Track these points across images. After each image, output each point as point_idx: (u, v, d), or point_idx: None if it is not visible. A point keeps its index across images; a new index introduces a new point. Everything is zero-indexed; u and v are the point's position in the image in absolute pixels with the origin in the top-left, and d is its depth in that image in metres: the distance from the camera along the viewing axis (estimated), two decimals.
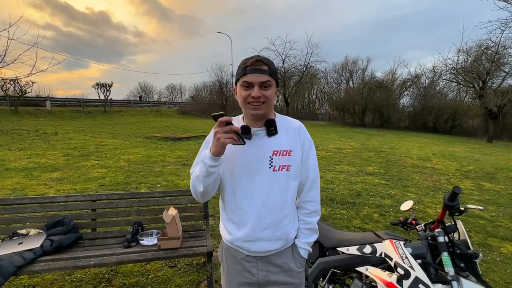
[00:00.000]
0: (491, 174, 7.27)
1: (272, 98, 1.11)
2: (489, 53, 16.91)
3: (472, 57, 18.40)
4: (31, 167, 6.10)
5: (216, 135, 0.97)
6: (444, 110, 22.20)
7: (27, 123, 14.52)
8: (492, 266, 2.94)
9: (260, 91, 1.07)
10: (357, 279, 1.68)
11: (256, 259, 1.17)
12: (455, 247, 1.45)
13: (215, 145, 0.98)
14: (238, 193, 1.13)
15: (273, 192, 1.12)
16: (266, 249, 1.15)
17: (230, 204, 1.17)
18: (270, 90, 1.09)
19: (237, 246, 1.17)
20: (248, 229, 1.13)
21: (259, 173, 1.12)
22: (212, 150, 1.00)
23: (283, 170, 1.12)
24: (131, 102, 30.91)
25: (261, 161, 1.12)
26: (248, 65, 1.06)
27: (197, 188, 1.09)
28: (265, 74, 1.07)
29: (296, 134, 1.18)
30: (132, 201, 2.71)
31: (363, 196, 5.03)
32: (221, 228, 1.25)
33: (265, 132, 1.14)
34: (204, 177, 1.05)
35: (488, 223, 4.08)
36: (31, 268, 1.96)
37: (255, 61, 1.06)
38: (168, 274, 2.58)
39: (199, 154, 1.18)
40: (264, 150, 1.12)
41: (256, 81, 1.06)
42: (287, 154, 1.13)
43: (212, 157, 1.01)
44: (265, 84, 1.07)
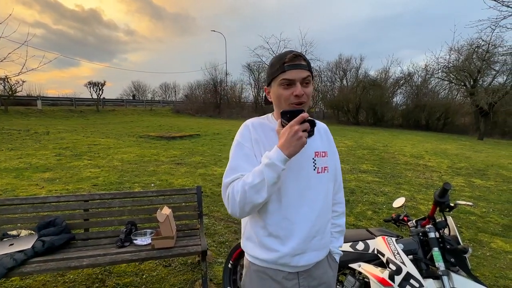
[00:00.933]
0: (482, 171, 7.40)
1: (310, 96, 1.03)
2: (480, 52, 17.19)
3: (463, 56, 18.70)
4: (22, 168, 6.01)
5: (298, 133, 0.86)
6: (437, 108, 22.50)
7: (18, 123, 14.27)
8: (482, 261, 2.99)
9: (302, 89, 0.97)
10: (350, 276, 1.70)
11: (297, 275, 1.04)
12: (446, 243, 1.47)
13: (295, 145, 0.86)
14: (284, 201, 1.00)
15: (320, 195, 1.04)
16: (314, 260, 1.05)
17: (273, 215, 1.00)
18: (310, 87, 1.01)
19: (282, 264, 1.02)
20: (298, 241, 1.00)
21: (304, 176, 1.02)
22: (288, 150, 0.87)
23: (325, 171, 1.06)
24: (125, 101, 30.61)
25: (305, 163, 1.03)
26: (287, 61, 0.96)
27: (255, 199, 0.90)
28: (305, 70, 0.98)
29: (327, 135, 1.16)
30: (125, 201, 2.69)
31: (356, 193, 5.08)
32: (252, 248, 1.06)
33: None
34: (272, 184, 0.89)
35: (478, 219, 4.15)
36: (22, 269, 1.93)
37: (293, 56, 0.97)
38: (162, 273, 2.57)
39: (234, 159, 1.02)
40: (307, 151, 1.02)
41: (298, 77, 0.96)
42: (325, 156, 1.08)
43: (286, 159, 0.87)
44: (306, 80, 0.98)
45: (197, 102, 29.88)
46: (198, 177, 5.77)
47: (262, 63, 26.88)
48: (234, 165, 1.00)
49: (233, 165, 1.00)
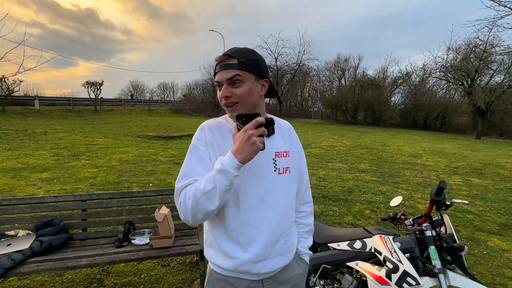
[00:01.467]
0: (479, 170, 7.44)
1: (248, 96, 0.94)
2: (477, 51, 17.26)
3: (461, 55, 18.79)
4: (20, 168, 5.98)
5: (252, 138, 0.82)
6: (434, 107, 22.58)
7: (15, 123, 14.21)
8: (479, 259, 3.01)
9: (229, 90, 0.93)
10: (347, 274, 1.70)
11: (262, 283, 0.99)
12: (442, 241, 1.48)
13: (249, 150, 0.82)
14: (243, 205, 0.95)
15: (282, 197, 1.00)
16: (278, 266, 1.00)
17: (233, 221, 0.96)
18: (242, 86, 0.93)
19: (243, 271, 0.97)
20: (260, 246, 0.96)
21: (265, 179, 0.98)
22: (242, 157, 0.82)
23: (286, 172, 1.02)
24: (123, 101, 30.53)
25: (266, 165, 0.98)
26: (217, 62, 0.95)
27: (207, 205, 0.86)
28: (233, 69, 0.91)
29: (290, 134, 1.10)
30: (123, 201, 2.69)
31: (355, 192, 5.09)
32: (213, 256, 1.02)
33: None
34: (225, 191, 0.84)
35: (476, 218, 4.17)
36: (20, 269, 1.93)
37: (221, 56, 0.94)
38: (160, 273, 2.58)
39: (188, 164, 0.97)
40: (267, 152, 0.98)
41: (223, 79, 0.93)
42: (287, 155, 1.03)
43: (239, 165, 0.83)
44: (234, 80, 0.92)
45: (196, 101, 29.86)
46: None
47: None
48: (187, 169, 0.95)
49: (186, 170, 0.95)
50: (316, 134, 14.31)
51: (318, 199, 4.66)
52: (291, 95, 33.03)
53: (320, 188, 5.27)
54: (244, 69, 0.92)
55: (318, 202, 4.54)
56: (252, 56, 0.96)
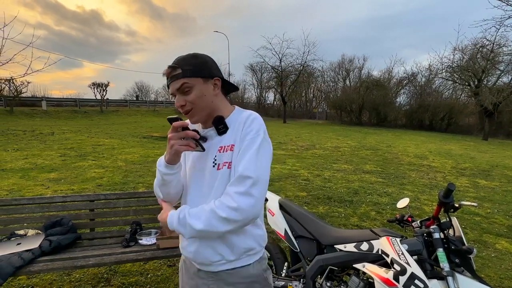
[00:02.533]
0: (487, 172, 7.35)
1: (201, 100, 0.96)
2: (484, 52, 17.07)
3: (467, 56, 18.59)
4: (28, 168, 6.07)
5: (170, 141, 0.90)
6: (440, 108, 22.38)
7: (23, 124, 14.42)
8: (487, 262, 2.98)
9: (182, 98, 0.96)
10: (354, 276, 1.70)
11: (207, 275, 1.03)
12: (450, 243, 1.47)
13: (169, 152, 0.92)
14: (187, 200, 1.05)
15: (218, 192, 0.96)
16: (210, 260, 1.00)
17: None
18: (192, 92, 0.95)
19: (185, 255, 1.09)
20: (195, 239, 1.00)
21: (205, 174, 1.00)
22: (166, 158, 0.94)
23: (224, 167, 0.96)
24: (128, 102, 30.78)
25: (207, 161, 1.00)
26: (166, 75, 0.98)
27: (157, 192, 1.04)
28: (179, 79, 0.94)
29: (241, 125, 0.98)
30: (130, 201, 2.71)
31: (360, 194, 5.07)
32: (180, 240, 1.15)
33: (215, 131, 1.01)
34: (159, 184, 0.99)
35: (483, 220, 4.13)
36: (30, 268, 1.96)
37: (166, 70, 0.97)
38: (167, 273, 2.59)
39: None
40: (211, 149, 1.00)
41: (173, 90, 0.97)
42: (230, 150, 0.97)
43: (166, 165, 0.95)
44: (183, 89, 0.95)
45: None
46: None
47: (265, 63, 26.91)
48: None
49: None
50: (321, 135, 14.26)
51: (323, 200, 4.65)
52: (295, 95, 32.97)
53: (325, 189, 5.25)
54: (189, 76, 0.94)
55: (323, 204, 4.53)
56: (194, 61, 0.97)
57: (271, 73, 27.65)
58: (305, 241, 1.95)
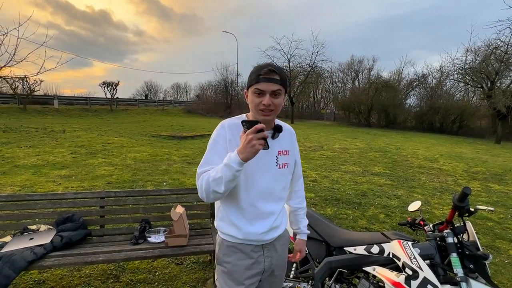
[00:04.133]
0: (499, 176, 7.17)
1: (280, 106, 1.19)
2: (498, 53, 16.66)
3: (480, 57, 18.14)
4: (40, 165, 6.19)
5: (252, 141, 0.98)
6: (451, 110, 21.92)
7: (35, 121, 14.74)
8: (500, 269, 2.90)
9: (271, 99, 1.13)
10: (364, 279, 1.68)
11: (262, 248, 1.27)
12: (464, 248, 1.44)
13: (248, 151, 0.99)
14: (252, 191, 1.20)
15: (279, 187, 1.27)
16: (274, 235, 1.28)
17: (243, 202, 1.21)
18: (280, 98, 1.17)
19: (250, 240, 1.23)
20: (262, 223, 1.22)
21: (269, 171, 1.23)
22: (243, 155, 1.00)
23: (285, 167, 1.28)
24: (137, 101, 31.15)
25: (270, 160, 1.23)
26: (262, 74, 1.12)
27: (216, 189, 1.07)
28: (277, 84, 1.13)
29: (293, 138, 1.35)
30: (140, 199, 2.73)
31: (369, 196, 5.01)
32: (224, 227, 1.26)
33: (271, 135, 1.24)
34: (228, 181, 1.04)
35: (496, 225, 4.03)
36: (42, 263, 2.00)
37: (268, 71, 1.12)
38: (174, 271, 2.61)
39: (208, 154, 1.20)
40: (272, 151, 1.22)
41: (268, 89, 1.13)
42: (287, 154, 1.28)
43: (241, 162, 1.01)
44: (276, 93, 1.14)
45: (208, 102, 30.12)
46: None
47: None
48: (207, 158, 1.19)
49: (206, 159, 1.19)
50: (329, 136, 14.15)
51: (331, 202, 4.61)
52: (303, 96, 32.81)
53: (333, 191, 5.21)
54: (283, 85, 1.16)
55: (331, 205, 4.48)
56: (285, 75, 1.19)
57: None
58: (314, 243, 1.94)
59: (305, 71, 26.09)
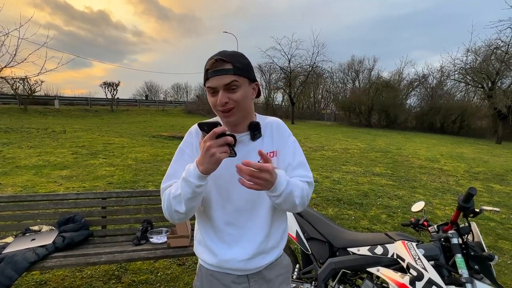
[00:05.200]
0: (501, 176, 7.16)
1: (244, 100, 0.94)
2: (498, 53, 16.65)
3: (481, 57, 18.14)
4: (41, 165, 6.19)
5: (210, 149, 0.79)
6: (452, 110, 21.93)
7: (36, 122, 14.75)
8: (503, 269, 2.89)
9: (226, 95, 0.90)
10: (367, 280, 1.67)
11: (247, 279, 1.03)
12: (469, 249, 1.43)
13: (208, 162, 0.80)
14: (228, 207, 0.99)
15: (265, 198, 0.99)
16: (262, 264, 1.03)
17: (218, 221, 1.00)
18: (239, 91, 0.92)
19: (227, 268, 1.01)
20: (244, 245, 1.00)
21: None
22: (202, 168, 0.81)
23: None
24: (138, 101, 31.18)
25: None
26: (209, 67, 0.90)
27: (177, 209, 0.89)
28: (229, 74, 0.89)
29: (280, 132, 1.07)
30: (141, 199, 2.73)
31: (370, 196, 5.00)
32: (200, 252, 1.06)
33: (249, 136, 1.01)
34: (188, 198, 0.86)
35: (498, 226, 4.02)
36: (44, 264, 1.99)
37: (214, 61, 0.89)
38: (176, 272, 2.60)
39: (173, 165, 1.02)
40: (251, 156, 0.97)
41: (219, 84, 0.90)
42: (274, 155, 1.03)
43: (201, 176, 0.83)
44: (231, 86, 0.90)
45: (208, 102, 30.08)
46: None
47: (274, 64, 26.87)
48: (171, 171, 1.01)
49: (170, 172, 1.01)
50: (329, 137, 14.14)
51: (333, 202, 4.60)
52: (304, 96, 32.81)
53: (334, 191, 5.20)
54: (239, 74, 0.91)
55: (333, 206, 4.48)
56: (243, 60, 0.95)
57: (279, 74, 27.59)
58: (317, 243, 1.93)
59: (306, 72, 26.11)
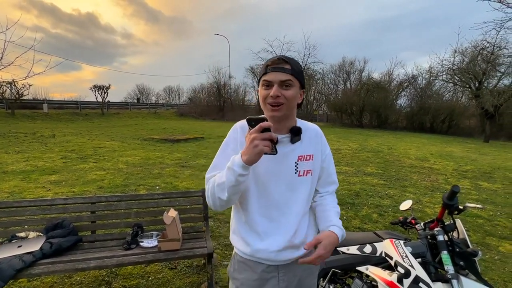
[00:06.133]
0: (489, 174, 7.32)
1: (293, 100, 1.03)
2: (484, 54, 17.06)
3: (468, 58, 18.55)
4: (29, 170, 6.07)
5: (254, 141, 0.86)
6: (441, 110, 22.34)
7: (24, 126, 14.44)
8: (490, 265, 2.95)
9: (279, 90, 0.99)
10: (357, 279, 1.68)
11: (277, 269, 1.10)
12: (455, 246, 1.46)
13: (251, 153, 0.87)
14: (263, 201, 1.06)
15: (299, 197, 1.09)
16: (291, 257, 1.09)
17: (253, 214, 1.07)
18: (291, 90, 1.01)
19: (259, 257, 1.08)
20: (275, 239, 1.06)
21: (285, 179, 1.07)
22: (245, 158, 0.88)
23: (307, 175, 1.09)
24: (129, 104, 30.83)
25: (287, 167, 1.07)
26: (270, 64, 1.02)
27: (220, 196, 0.97)
28: (286, 73, 1.00)
29: (319, 139, 1.16)
30: (132, 203, 2.70)
31: (361, 196, 5.05)
32: (235, 241, 1.14)
33: (289, 139, 1.09)
34: (231, 186, 0.93)
35: (486, 222, 4.10)
36: (31, 271, 1.95)
37: (277, 59, 1.01)
38: (168, 276, 2.58)
39: (217, 158, 1.11)
40: (290, 157, 1.08)
41: (275, 79, 1.00)
42: (310, 159, 1.10)
43: (244, 166, 0.89)
44: (285, 84, 1.00)
45: (201, 105, 30.02)
46: (203, 180, 5.76)
47: None
48: (216, 163, 1.10)
49: (215, 163, 1.10)
50: None
51: None
52: None
53: None
54: (295, 76, 1.02)
55: None
56: (299, 66, 1.07)
57: None
58: None
59: None
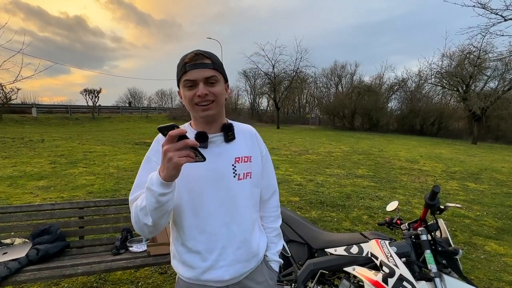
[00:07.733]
0: (476, 175, 7.48)
1: (222, 96, 0.95)
2: (471, 58, 17.50)
3: (455, 62, 19.04)
4: (16, 176, 5.95)
5: (167, 154, 0.72)
6: (431, 113, 22.80)
7: (12, 131, 14.16)
8: (476, 264, 3.02)
9: (206, 88, 0.90)
10: (345, 279, 1.71)
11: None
12: (437, 245, 1.50)
13: (166, 167, 0.73)
14: (201, 213, 0.94)
15: (241, 203, 0.99)
16: (241, 272, 0.99)
17: (190, 230, 0.95)
18: (218, 86, 0.93)
19: (206, 280, 0.96)
20: (219, 254, 0.95)
21: (223, 185, 0.96)
22: (163, 174, 0.75)
23: (247, 177, 1.00)
24: (120, 108, 30.54)
25: (224, 171, 0.97)
26: (188, 60, 0.90)
27: (145, 222, 0.82)
28: (209, 68, 0.91)
29: (254, 139, 1.08)
30: (121, 208, 2.67)
31: (352, 198, 5.10)
32: (176, 266, 1.01)
33: (222, 138, 1.00)
34: (153, 209, 0.79)
35: (473, 222, 4.19)
36: (16, 278, 1.91)
37: (194, 55, 0.90)
38: (158, 280, 2.56)
39: (140, 175, 0.95)
40: (226, 158, 0.98)
41: (199, 77, 0.90)
42: (248, 161, 1.02)
43: (163, 183, 0.75)
44: (210, 80, 0.91)
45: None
46: None
47: (258, 69, 27.11)
48: (138, 181, 0.95)
49: (138, 182, 0.95)
50: (314, 140, 14.35)
51: (316, 205, 4.67)
52: (288, 101, 33.22)
53: (318, 194, 5.27)
54: (218, 70, 0.94)
55: (316, 208, 4.54)
56: (219, 59, 0.98)
57: (264, 79, 27.88)
58: (296, 246, 1.96)
59: (290, 77, 26.47)
